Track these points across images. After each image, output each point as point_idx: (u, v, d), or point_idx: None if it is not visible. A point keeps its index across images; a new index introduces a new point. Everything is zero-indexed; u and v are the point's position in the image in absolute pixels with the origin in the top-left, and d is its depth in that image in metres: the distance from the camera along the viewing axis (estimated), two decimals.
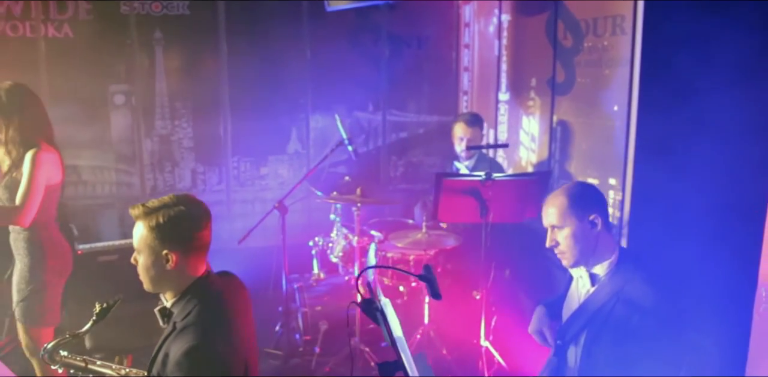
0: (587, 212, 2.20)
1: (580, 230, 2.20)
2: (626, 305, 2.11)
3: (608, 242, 2.24)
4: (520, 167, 4.85)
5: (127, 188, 5.14)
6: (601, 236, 2.22)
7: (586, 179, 4.02)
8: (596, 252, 2.23)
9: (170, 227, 1.93)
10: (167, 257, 1.94)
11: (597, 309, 2.16)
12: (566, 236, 2.21)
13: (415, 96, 5.78)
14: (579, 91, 4.06)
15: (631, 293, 2.13)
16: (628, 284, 2.15)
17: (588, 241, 2.21)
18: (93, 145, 5.02)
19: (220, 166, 5.38)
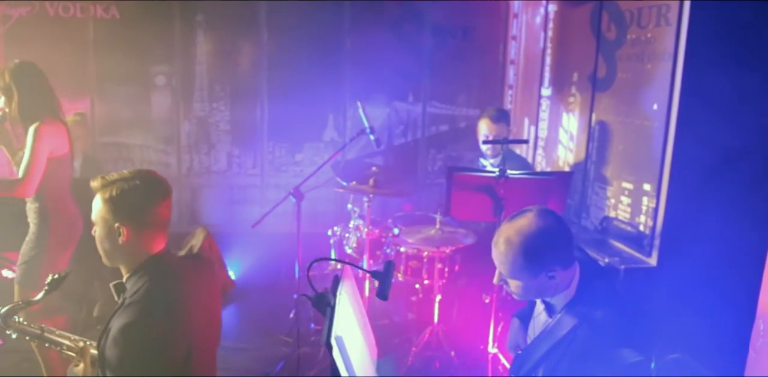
0: (545, 269, 1.80)
1: (534, 283, 1.84)
2: (585, 338, 1.79)
3: (567, 275, 1.88)
4: (557, 166, 4.54)
5: (164, 167, 5.16)
6: (560, 277, 1.85)
7: (621, 183, 3.69)
8: (557, 289, 1.87)
9: (123, 200, 1.87)
10: (119, 230, 1.88)
11: (555, 344, 1.85)
12: (518, 286, 1.87)
13: (458, 88, 5.52)
14: (619, 87, 3.71)
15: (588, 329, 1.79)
16: (586, 319, 1.80)
17: (544, 290, 1.87)
18: (135, 124, 5.07)
19: (256, 150, 5.32)
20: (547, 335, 1.88)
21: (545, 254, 1.79)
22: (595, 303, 1.84)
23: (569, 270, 1.87)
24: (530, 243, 1.78)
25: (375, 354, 2.21)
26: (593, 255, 3.57)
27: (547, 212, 1.86)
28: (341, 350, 1.69)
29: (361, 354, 1.93)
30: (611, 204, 3.81)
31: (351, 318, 1.98)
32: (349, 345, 1.76)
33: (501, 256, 1.83)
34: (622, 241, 3.68)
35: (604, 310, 1.81)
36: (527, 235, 1.79)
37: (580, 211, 4.19)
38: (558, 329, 1.86)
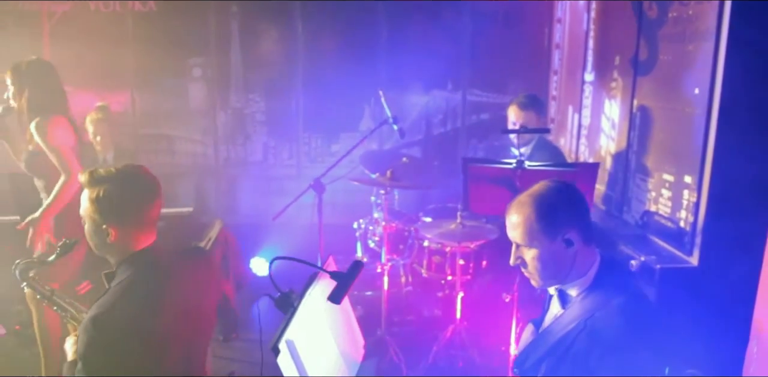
0: (561, 230, 1.69)
1: (551, 251, 1.70)
2: (590, 336, 1.63)
3: (587, 257, 1.75)
4: (599, 156, 4.24)
5: (202, 158, 5.20)
6: (579, 253, 1.72)
7: (662, 175, 3.39)
8: (572, 272, 1.74)
9: (109, 202, 1.85)
10: (107, 231, 1.87)
11: (560, 338, 1.69)
12: (534, 258, 1.73)
13: (500, 75, 5.25)
14: (660, 70, 3.40)
15: (598, 322, 1.63)
16: (599, 310, 1.65)
17: (562, 262, 1.72)
18: (173, 116, 5.12)
19: (291, 141, 5.27)
20: (556, 326, 1.74)
21: (560, 212, 1.71)
22: (612, 292, 1.68)
23: (589, 250, 1.75)
24: (544, 201, 1.72)
25: (359, 355, 2.10)
26: (629, 253, 3.32)
27: (560, 180, 1.81)
28: (292, 354, 1.58)
29: (330, 356, 1.82)
30: (652, 198, 3.52)
31: (323, 318, 1.87)
32: (305, 347, 1.65)
33: (514, 221, 1.75)
34: (662, 238, 3.39)
35: (621, 300, 1.64)
36: (540, 194, 1.75)
37: (621, 204, 3.91)
38: (568, 320, 1.71)
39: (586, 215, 1.78)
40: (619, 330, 1.59)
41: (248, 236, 4.44)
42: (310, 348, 1.69)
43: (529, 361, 1.75)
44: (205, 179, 5.12)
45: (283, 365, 1.53)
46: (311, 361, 1.65)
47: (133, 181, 1.88)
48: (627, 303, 1.64)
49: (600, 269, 1.75)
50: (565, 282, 1.77)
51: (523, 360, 1.77)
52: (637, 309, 1.65)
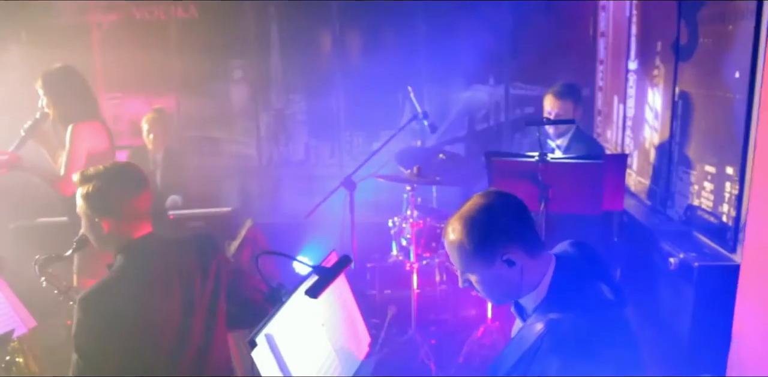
0: (498, 252, 1.55)
1: (493, 274, 1.58)
2: (545, 355, 1.51)
3: (537, 268, 1.61)
4: (643, 149, 4.04)
5: (245, 159, 5.31)
6: (526, 268, 1.59)
7: (704, 167, 3.19)
8: (524, 287, 1.61)
9: (98, 197, 2.00)
10: (99, 224, 2.00)
11: (523, 353, 1.56)
12: (477, 282, 1.62)
13: (544, 67, 5.07)
14: (701, 54, 3.20)
15: (552, 339, 1.51)
16: (555, 326, 1.52)
17: (508, 283, 1.60)
18: (216, 118, 5.26)
19: (333, 140, 5.30)
20: (517, 342, 1.62)
21: (493, 233, 1.56)
22: (569, 304, 1.55)
23: (538, 261, 1.61)
24: (474, 224, 1.57)
25: (362, 352, 2.08)
26: (669, 250, 3.13)
27: (493, 192, 1.66)
28: (272, 348, 1.58)
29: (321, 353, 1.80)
30: (695, 191, 3.31)
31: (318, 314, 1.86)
32: (288, 343, 1.64)
33: (449, 247, 1.63)
34: (705, 234, 3.19)
35: (575, 313, 1.51)
36: (470, 217, 1.58)
37: (665, 199, 3.70)
38: (527, 336, 1.59)
39: (527, 228, 1.62)
40: (579, 344, 1.47)
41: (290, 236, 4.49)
42: (295, 343, 1.68)
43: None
44: (248, 180, 5.24)
45: (259, 359, 1.53)
46: (294, 357, 1.64)
47: (119, 176, 2.03)
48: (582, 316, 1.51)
49: (554, 279, 1.62)
50: (520, 297, 1.66)
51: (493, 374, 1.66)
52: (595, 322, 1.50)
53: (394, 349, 3.58)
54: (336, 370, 1.85)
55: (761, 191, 1.44)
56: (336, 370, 1.85)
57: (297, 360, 1.66)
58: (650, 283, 3.38)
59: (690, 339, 2.91)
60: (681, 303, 3.02)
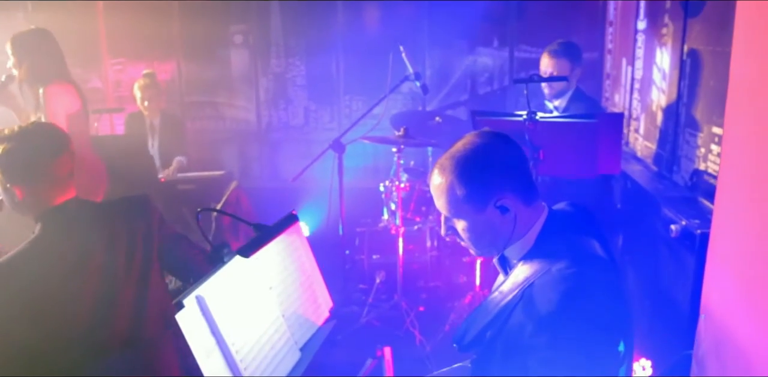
0: (492, 197, 1.37)
1: (483, 221, 1.39)
2: (525, 309, 1.32)
3: (528, 217, 1.42)
4: (650, 111, 3.75)
5: (245, 124, 5.13)
6: (519, 216, 1.39)
7: (711, 128, 2.91)
8: (513, 235, 1.42)
9: (10, 161, 1.76)
10: (12, 190, 1.78)
11: (499, 311, 1.37)
12: (464, 229, 1.43)
13: (550, 30, 4.71)
14: (710, 8, 2.89)
15: (535, 293, 1.31)
16: (539, 278, 1.33)
17: (499, 231, 1.41)
18: (217, 82, 5.08)
19: (332, 104, 5.08)
20: (497, 296, 1.42)
21: (488, 175, 1.37)
22: (556, 255, 1.34)
23: (531, 209, 1.42)
24: (467, 164, 1.37)
25: (321, 317, 1.91)
26: (671, 217, 2.89)
27: (488, 131, 1.46)
28: (203, 310, 1.40)
29: (266, 317, 1.63)
30: (701, 155, 3.04)
31: (269, 277, 1.68)
32: (223, 306, 1.46)
33: (436, 190, 1.42)
34: (711, 199, 2.91)
35: (562, 265, 1.30)
36: (462, 156, 1.38)
37: (671, 164, 3.43)
38: (508, 289, 1.39)
39: (523, 173, 1.42)
40: (556, 302, 1.26)
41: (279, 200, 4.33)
42: (234, 307, 1.50)
43: (468, 336, 1.44)
44: (247, 144, 5.07)
45: (185, 322, 1.35)
46: (230, 321, 1.46)
47: (33, 138, 1.79)
48: (570, 267, 1.30)
49: (545, 228, 1.42)
50: (507, 247, 1.46)
51: (462, 335, 1.46)
52: (585, 273, 1.29)
53: (380, 315, 3.42)
54: (285, 335, 1.67)
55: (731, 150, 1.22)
56: (285, 335, 1.67)
57: (234, 323, 1.48)
58: (651, 251, 3.14)
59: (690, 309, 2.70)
60: (682, 272, 2.80)
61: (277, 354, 1.62)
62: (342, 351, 3.21)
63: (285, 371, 1.63)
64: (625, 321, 1.33)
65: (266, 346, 1.58)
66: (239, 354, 1.47)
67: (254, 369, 1.51)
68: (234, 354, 1.45)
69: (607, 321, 1.27)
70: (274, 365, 1.59)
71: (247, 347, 1.51)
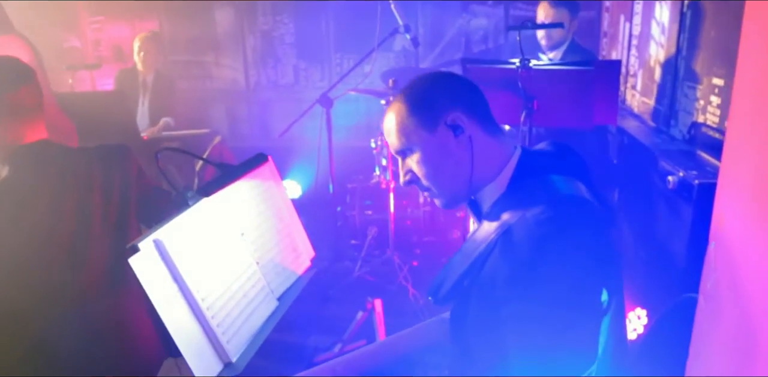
0: (440, 115, 1.24)
1: (435, 145, 1.26)
2: (499, 256, 1.18)
3: (495, 152, 1.28)
4: (648, 67, 3.59)
5: (232, 83, 4.93)
6: (478, 144, 1.26)
7: (711, 80, 2.76)
8: (477, 173, 1.27)
9: None
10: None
11: (476, 257, 1.23)
12: (419, 162, 1.29)
13: None
14: None
15: (510, 238, 1.17)
16: (515, 222, 1.17)
17: (454, 157, 1.26)
18: (202, 41, 4.85)
19: (323, 63, 4.88)
20: (470, 245, 1.28)
21: (436, 96, 1.27)
22: (533, 197, 1.20)
23: (495, 141, 1.29)
24: (415, 90, 1.30)
25: (300, 267, 1.79)
26: (669, 169, 2.76)
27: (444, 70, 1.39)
28: (161, 255, 1.28)
29: (237, 265, 1.50)
30: (700, 107, 2.89)
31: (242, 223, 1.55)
32: (185, 251, 1.34)
33: (387, 125, 1.32)
34: (709, 152, 2.79)
35: (541, 208, 1.15)
36: (412, 86, 1.32)
37: (668, 118, 3.29)
38: (481, 237, 1.25)
39: (477, 99, 1.30)
40: (529, 249, 1.12)
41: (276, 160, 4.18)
42: (198, 252, 1.37)
43: (444, 288, 1.30)
44: (235, 104, 4.88)
45: (140, 267, 1.22)
46: (193, 266, 1.33)
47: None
48: (546, 212, 1.14)
49: (519, 169, 1.28)
50: (473, 191, 1.32)
51: (438, 287, 1.33)
52: (563, 217, 1.14)
53: (372, 270, 3.32)
54: (259, 283, 1.55)
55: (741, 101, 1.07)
56: (259, 283, 1.55)
57: (199, 270, 1.36)
58: (647, 204, 3.03)
59: (687, 260, 2.60)
60: (678, 224, 2.68)
61: (251, 303, 1.50)
62: (334, 306, 3.13)
63: (260, 320, 1.51)
64: (610, 268, 1.19)
65: (238, 294, 1.46)
66: (206, 302, 1.35)
67: (224, 318, 1.39)
68: (200, 302, 1.33)
69: (587, 268, 1.13)
70: (247, 314, 1.47)
71: (215, 295, 1.38)
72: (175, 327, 1.26)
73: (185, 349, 1.26)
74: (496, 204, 1.26)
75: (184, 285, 1.30)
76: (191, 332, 1.30)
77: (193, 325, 1.31)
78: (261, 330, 1.49)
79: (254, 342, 1.45)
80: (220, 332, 1.36)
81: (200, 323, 1.33)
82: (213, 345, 1.35)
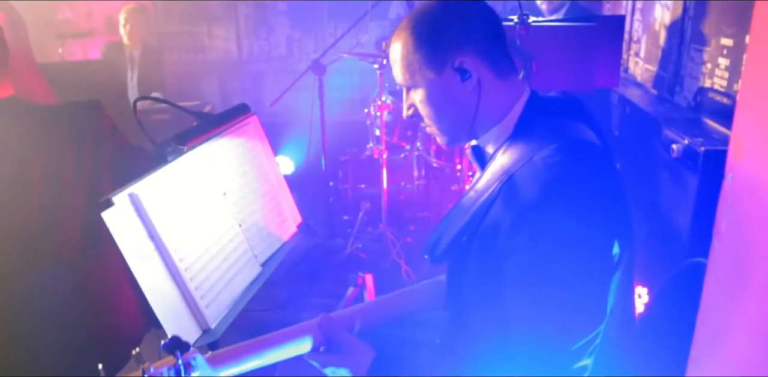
0: (449, 56, 1.14)
1: (440, 86, 1.16)
2: (504, 203, 1.09)
3: (503, 95, 1.18)
4: (653, 31, 3.47)
5: (225, 54, 4.81)
6: (486, 88, 1.16)
7: (719, 40, 2.65)
8: (481, 117, 1.18)
9: None
10: None
11: (478, 208, 1.14)
12: (422, 101, 1.20)
13: None
14: None
15: (516, 184, 1.08)
16: (521, 167, 1.08)
17: (458, 102, 1.17)
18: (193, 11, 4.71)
19: (317, 33, 4.75)
20: (472, 195, 1.18)
21: (445, 31, 1.14)
22: (540, 141, 1.11)
23: (505, 84, 1.19)
24: (424, 20, 1.16)
25: (287, 233, 1.71)
26: (673, 137, 2.67)
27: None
28: (137, 209, 1.20)
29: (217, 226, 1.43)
30: (707, 71, 2.79)
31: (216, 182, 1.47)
32: (162, 207, 1.26)
33: (393, 54, 1.20)
34: (716, 118, 2.69)
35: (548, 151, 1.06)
36: (421, 12, 1.18)
37: (673, 85, 3.19)
38: (484, 185, 1.16)
39: (492, 36, 1.18)
40: (536, 195, 1.03)
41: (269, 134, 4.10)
42: (176, 208, 1.29)
43: (441, 244, 1.21)
44: (227, 76, 4.77)
45: (113, 221, 1.15)
46: (171, 224, 1.26)
47: None
48: (555, 155, 1.05)
49: (526, 111, 1.18)
50: (476, 134, 1.23)
51: (435, 243, 1.23)
52: (574, 161, 1.06)
53: (365, 247, 3.25)
54: (242, 246, 1.48)
55: None
56: (242, 246, 1.48)
57: (177, 228, 1.28)
58: (651, 177, 2.94)
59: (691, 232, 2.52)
60: (683, 195, 2.60)
61: (232, 267, 1.42)
62: (326, 284, 3.06)
63: (242, 284, 1.44)
64: (622, 219, 1.11)
65: (218, 257, 1.39)
66: (184, 263, 1.27)
67: (203, 281, 1.32)
68: (177, 262, 1.26)
69: (599, 218, 1.05)
70: (228, 278, 1.40)
71: (194, 255, 1.31)
72: (150, 289, 1.19)
73: (161, 313, 1.19)
74: (501, 149, 1.18)
75: (161, 242, 1.23)
76: (168, 294, 1.23)
77: (170, 287, 1.24)
78: (242, 296, 1.42)
79: (234, 309, 1.38)
80: (199, 295, 1.29)
81: (177, 285, 1.26)
82: (191, 309, 1.28)
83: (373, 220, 3.40)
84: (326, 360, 1.20)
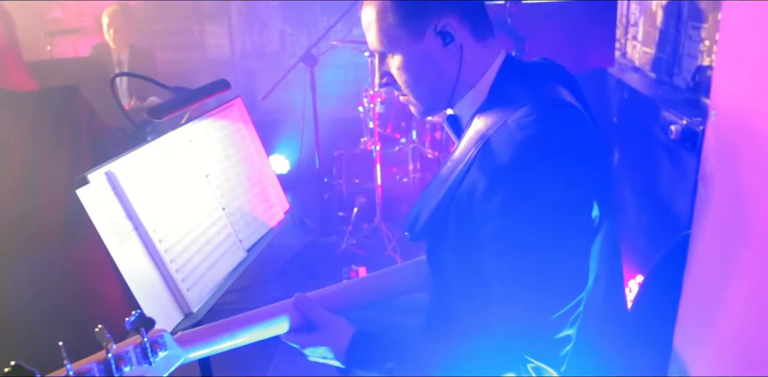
0: (430, 19, 1.10)
1: (421, 52, 1.12)
2: (478, 167, 1.06)
3: (480, 58, 1.15)
4: (650, 12, 3.44)
5: (217, 51, 4.80)
6: (467, 52, 1.13)
7: (717, 15, 2.62)
8: (460, 83, 1.15)
9: None
10: None
11: (455, 178, 1.10)
12: (400, 68, 1.16)
13: None
14: None
15: (490, 147, 1.04)
16: (496, 130, 1.05)
17: (441, 66, 1.14)
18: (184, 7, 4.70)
19: (310, 26, 4.73)
20: (449, 166, 1.15)
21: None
22: (515, 102, 1.07)
23: (482, 46, 1.15)
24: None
25: (273, 219, 1.69)
26: (672, 118, 2.63)
27: None
28: (113, 188, 1.18)
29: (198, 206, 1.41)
30: (705, 49, 2.76)
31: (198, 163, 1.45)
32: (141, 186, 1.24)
33: (368, 17, 1.15)
34: None
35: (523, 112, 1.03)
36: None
37: (671, 66, 3.15)
38: (460, 155, 1.13)
39: None
40: (510, 156, 1.00)
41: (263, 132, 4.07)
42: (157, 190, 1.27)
43: (420, 219, 1.18)
44: (220, 73, 4.75)
45: (89, 200, 1.13)
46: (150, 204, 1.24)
47: None
48: (529, 115, 1.02)
49: (501, 74, 1.15)
50: (453, 101, 1.19)
51: (414, 220, 1.20)
52: (548, 120, 1.02)
53: (360, 243, 3.22)
54: (225, 230, 1.46)
55: None
56: (225, 230, 1.46)
57: (157, 208, 1.26)
58: (649, 162, 2.91)
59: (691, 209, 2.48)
60: (682, 178, 2.57)
61: (215, 250, 1.40)
62: (321, 281, 3.04)
63: (226, 268, 1.42)
64: (602, 180, 1.07)
65: (200, 240, 1.36)
66: (164, 244, 1.25)
67: (185, 264, 1.30)
68: (157, 243, 1.24)
69: (576, 178, 1.01)
70: (210, 262, 1.38)
71: (175, 237, 1.29)
72: (129, 270, 1.17)
73: (140, 295, 1.17)
74: (476, 115, 1.14)
75: (139, 222, 1.21)
76: (147, 276, 1.21)
77: (150, 268, 1.22)
78: (225, 280, 1.40)
79: (216, 293, 1.36)
80: (180, 278, 1.27)
81: (157, 266, 1.24)
82: (171, 292, 1.26)
83: (368, 215, 3.37)
84: (305, 340, 1.18)
